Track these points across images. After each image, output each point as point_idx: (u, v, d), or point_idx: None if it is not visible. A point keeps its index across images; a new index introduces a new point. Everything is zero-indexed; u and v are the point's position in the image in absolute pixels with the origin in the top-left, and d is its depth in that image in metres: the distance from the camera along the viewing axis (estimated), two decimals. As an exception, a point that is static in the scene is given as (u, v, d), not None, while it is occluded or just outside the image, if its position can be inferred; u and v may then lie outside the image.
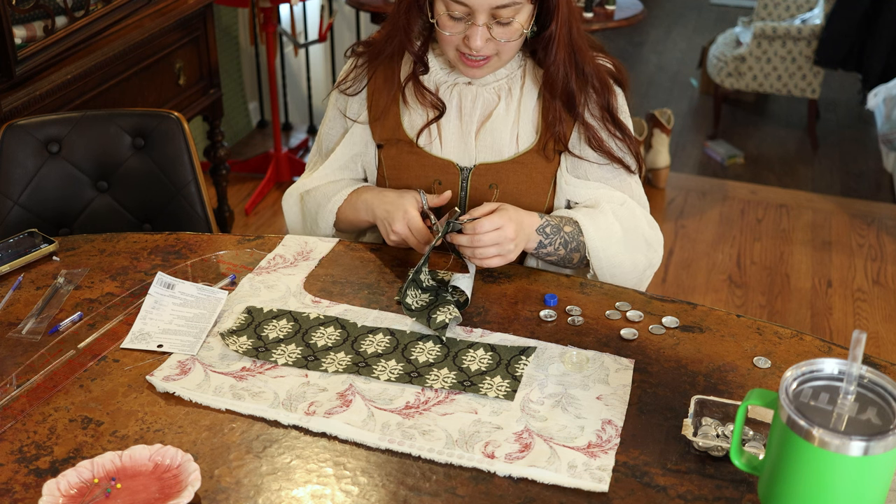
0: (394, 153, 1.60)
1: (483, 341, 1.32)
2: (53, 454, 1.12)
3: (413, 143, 1.58)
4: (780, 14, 5.00)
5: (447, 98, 1.56)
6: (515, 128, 1.55)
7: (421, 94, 1.56)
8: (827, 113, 5.11)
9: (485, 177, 1.56)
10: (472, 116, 1.55)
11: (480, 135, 1.55)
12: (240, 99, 4.43)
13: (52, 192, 1.92)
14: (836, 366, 1.00)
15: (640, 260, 1.58)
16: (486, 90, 1.56)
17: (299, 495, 1.06)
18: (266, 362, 1.28)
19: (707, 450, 1.12)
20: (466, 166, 1.57)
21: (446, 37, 1.48)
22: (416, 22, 1.54)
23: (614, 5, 3.68)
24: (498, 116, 1.55)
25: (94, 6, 2.52)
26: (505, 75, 1.56)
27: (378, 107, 1.61)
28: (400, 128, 1.59)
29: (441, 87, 1.57)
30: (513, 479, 1.08)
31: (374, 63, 1.61)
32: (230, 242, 1.59)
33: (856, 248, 3.66)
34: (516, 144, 1.56)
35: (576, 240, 1.52)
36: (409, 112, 1.59)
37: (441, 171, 1.57)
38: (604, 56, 1.59)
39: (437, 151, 1.57)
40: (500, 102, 1.55)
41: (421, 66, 1.57)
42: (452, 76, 1.57)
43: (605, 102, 1.55)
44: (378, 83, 1.61)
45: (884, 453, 0.92)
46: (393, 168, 1.61)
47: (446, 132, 1.57)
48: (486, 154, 1.56)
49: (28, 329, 1.35)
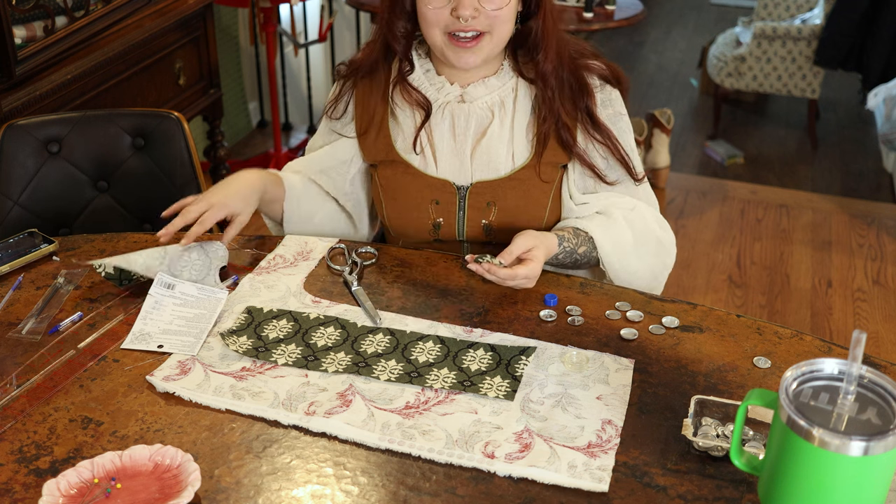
0: (389, 174, 1.59)
1: (483, 341, 1.32)
2: (53, 454, 1.12)
3: (408, 164, 1.57)
4: (780, 14, 5.00)
5: (439, 118, 1.54)
6: (511, 144, 1.54)
7: (408, 94, 1.54)
8: (827, 113, 5.10)
9: (482, 195, 1.55)
10: (466, 135, 1.54)
11: (476, 153, 1.54)
12: (240, 99, 4.43)
13: (52, 192, 1.92)
14: (836, 366, 1.00)
15: (655, 264, 1.59)
16: (477, 107, 1.53)
17: (299, 495, 1.06)
18: (266, 362, 1.28)
19: (707, 450, 1.12)
20: (463, 185, 1.56)
21: (432, 14, 1.44)
22: (399, 18, 1.51)
23: (614, 5, 3.68)
24: (493, 134, 1.53)
25: (94, 6, 2.52)
26: (497, 87, 1.54)
27: (364, 121, 1.59)
28: (392, 149, 1.58)
29: (432, 104, 1.55)
30: (513, 479, 1.08)
31: (360, 77, 1.60)
32: (231, 242, 1.58)
33: (856, 248, 3.66)
34: (512, 161, 1.54)
35: (587, 256, 1.53)
36: (400, 131, 1.57)
37: (438, 190, 1.56)
38: (595, 60, 1.57)
39: (433, 171, 1.56)
40: (495, 119, 1.53)
41: (407, 64, 1.55)
42: (443, 92, 1.54)
43: (583, 105, 1.53)
44: (363, 96, 1.60)
45: (884, 453, 0.92)
46: (389, 189, 1.60)
47: (441, 151, 1.55)
48: (482, 172, 1.55)
49: (28, 329, 1.35)
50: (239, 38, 4.31)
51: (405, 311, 1.40)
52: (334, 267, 1.51)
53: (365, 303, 1.41)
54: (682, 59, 5.86)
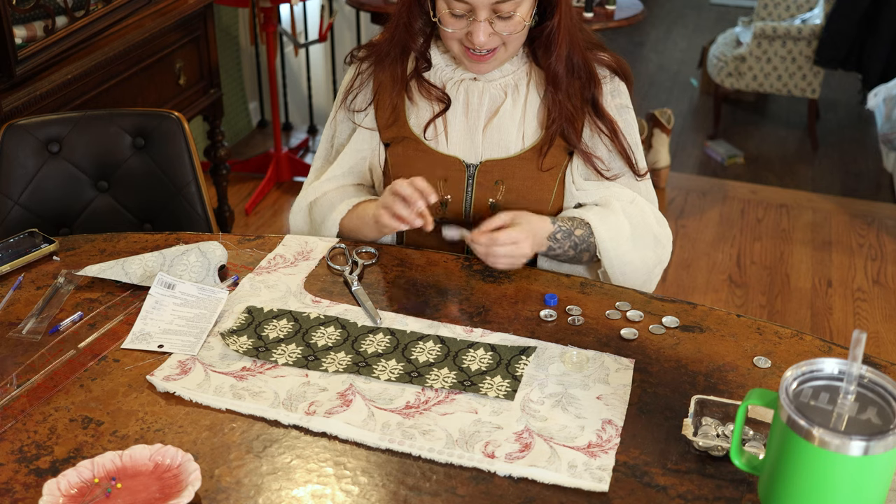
0: (400, 151, 1.60)
1: (483, 341, 1.32)
2: (54, 454, 1.12)
3: (419, 141, 1.58)
4: (780, 14, 5.00)
5: (453, 94, 1.57)
6: (522, 124, 1.56)
7: (426, 90, 1.57)
8: (827, 113, 5.10)
9: (490, 173, 1.57)
10: (480, 112, 1.56)
11: (487, 131, 1.56)
12: (240, 99, 4.43)
13: (53, 192, 1.92)
14: (836, 366, 1.00)
15: (650, 257, 1.59)
16: (492, 86, 1.56)
17: (299, 495, 1.06)
18: (266, 362, 1.28)
19: (707, 450, 1.12)
20: (472, 163, 1.57)
21: (449, 33, 1.49)
22: (417, 19, 1.55)
23: (614, 5, 3.68)
24: (505, 113, 1.55)
25: (94, 6, 2.52)
26: (511, 71, 1.56)
27: (385, 109, 1.61)
28: (406, 125, 1.60)
29: (447, 83, 1.58)
30: (513, 479, 1.08)
31: (380, 66, 1.61)
32: (230, 242, 1.59)
33: (856, 248, 3.66)
34: (522, 141, 1.56)
35: (585, 241, 1.54)
36: (415, 109, 1.59)
37: (447, 167, 1.57)
38: (604, 52, 1.59)
39: (444, 148, 1.58)
40: (507, 99, 1.55)
41: (424, 63, 1.58)
42: (458, 72, 1.57)
43: (589, 95, 1.55)
44: (384, 85, 1.61)
45: (884, 453, 0.92)
46: (399, 166, 1.61)
47: (452, 128, 1.57)
48: (492, 150, 1.56)
49: (28, 329, 1.35)
50: (239, 38, 4.31)
51: (405, 311, 1.40)
52: (334, 267, 1.51)
53: (365, 303, 1.41)
54: (682, 59, 5.86)
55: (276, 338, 1.33)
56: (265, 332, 1.34)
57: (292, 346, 1.31)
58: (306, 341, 1.32)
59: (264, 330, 1.35)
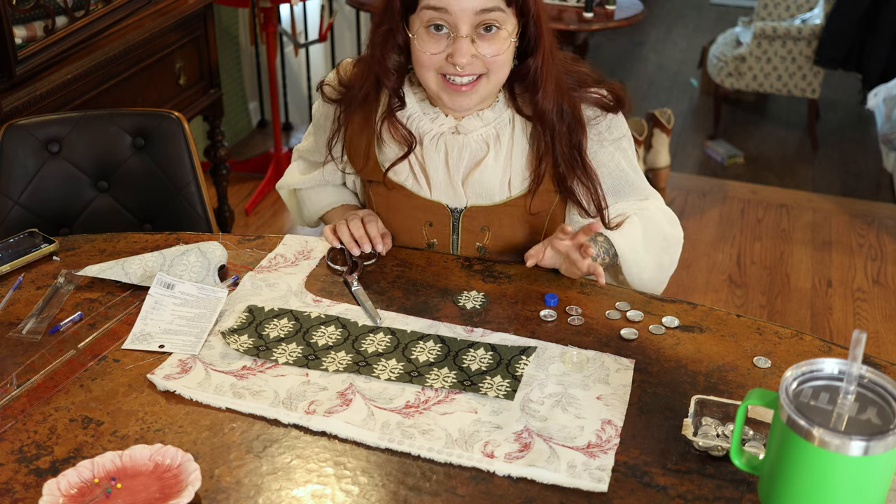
0: (383, 192, 1.58)
1: (483, 341, 1.32)
2: (54, 454, 1.12)
3: (401, 188, 1.55)
4: (780, 14, 5.00)
5: (432, 150, 1.50)
6: (507, 173, 1.51)
7: (395, 129, 1.50)
8: (827, 113, 5.10)
9: (476, 219, 1.55)
10: (459, 166, 1.50)
11: (468, 182, 1.51)
12: (240, 99, 4.43)
13: (53, 192, 1.92)
14: (836, 366, 1.00)
15: (665, 260, 1.59)
16: (472, 139, 1.49)
17: (299, 495, 1.06)
18: (267, 361, 1.28)
19: (707, 450, 1.12)
20: (457, 208, 1.55)
21: (426, 59, 1.41)
22: (390, 55, 1.47)
23: (614, 5, 3.68)
24: (487, 166, 1.50)
25: (94, 6, 2.52)
26: (492, 119, 1.50)
27: (359, 155, 1.57)
28: (380, 171, 1.55)
29: (425, 137, 1.51)
30: (512, 479, 1.08)
31: (349, 110, 1.55)
32: (230, 242, 1.59)
33: (856, 248, 3.66)
34: (508, 189, 1.52)
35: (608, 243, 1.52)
36: (387, 159, 1.54)
37: (432, 213, 1.55)
38: (598, 86, 1.53)
39: (427, 194, 1.55)
40: (490, 152, 1.49)
41: (396, 101, 1.51)
42: (437, 123, 1.51)
43: (576, 141, 1.50)
44: (355, 130, 1.56)
45: (884, 453, 0.92)
46: (384, 209, 1.59)
47: (434, 178, 1.52)
48: (475, 199, 1.53)
49: (28, 329, 1.35)
50: (239, 38, 4.31)
51: (405, 311, 1.40)
52: (334, 267, 1.51)
53: (365, 303, 1.41)
54: (682, 59, 5.86)
55: (276, 337, 1.33)
56: (266, 332, 1.34)
57: (293, 345, 1.31)
58: (307, 340, 1.32)
59: (265, 329, 1.35)
